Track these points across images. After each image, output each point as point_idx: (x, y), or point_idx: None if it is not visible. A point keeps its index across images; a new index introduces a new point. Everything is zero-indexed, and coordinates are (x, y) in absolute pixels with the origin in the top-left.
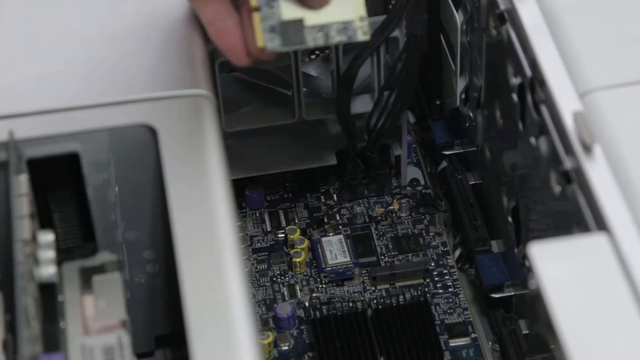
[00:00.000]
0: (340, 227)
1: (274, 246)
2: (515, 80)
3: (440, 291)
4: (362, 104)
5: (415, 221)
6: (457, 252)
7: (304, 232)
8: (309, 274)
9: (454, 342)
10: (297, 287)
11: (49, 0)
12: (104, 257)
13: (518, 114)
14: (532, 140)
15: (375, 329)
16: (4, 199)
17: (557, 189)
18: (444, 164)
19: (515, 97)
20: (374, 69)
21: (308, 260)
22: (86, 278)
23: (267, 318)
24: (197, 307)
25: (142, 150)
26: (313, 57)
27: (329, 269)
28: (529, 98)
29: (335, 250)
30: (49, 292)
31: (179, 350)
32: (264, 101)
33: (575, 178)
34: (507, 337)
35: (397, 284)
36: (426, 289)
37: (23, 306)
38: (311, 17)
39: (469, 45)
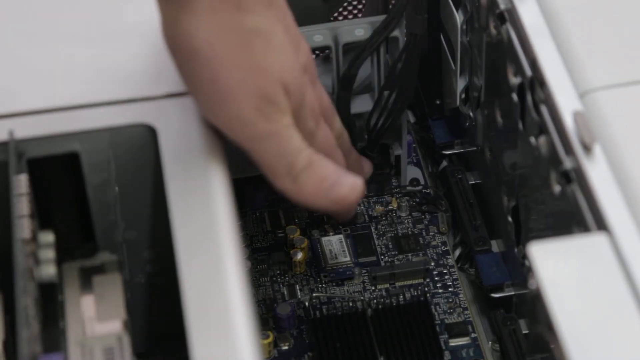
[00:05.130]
0: (340, 226)
1: (274, 246)
2: (515, 80)
3: (440, 291)
4: (362, 104)
5: (415, 221)
6: (457, 252)
7: (304, 232)
8: (309, 274)
9: (453, 342)
10: (297, 287)
11: (49, 0)
12: (104, 257)
13: (518, 113)
14: (532, 140)
15: (375, 329)
16: (4, 199)
17: (557, 188)
18: (444, 163)
19: (515, 96)
20: (374, 69)
21: (308, 259)
22: (86, 278)
23: (267, 318)
24: (197, 307)
25: (142, 150)
26: (313, 56)
27: (329, 268)
28: (529, 98)
29: (335, 249)
30: (49, 292)
31: (179, 350)
32: None
33: (575, 178)
34: (507, 337)
35: (397, 284)
36: (426, 289)
37: (23, 306)
38: None
39: (469, 45)
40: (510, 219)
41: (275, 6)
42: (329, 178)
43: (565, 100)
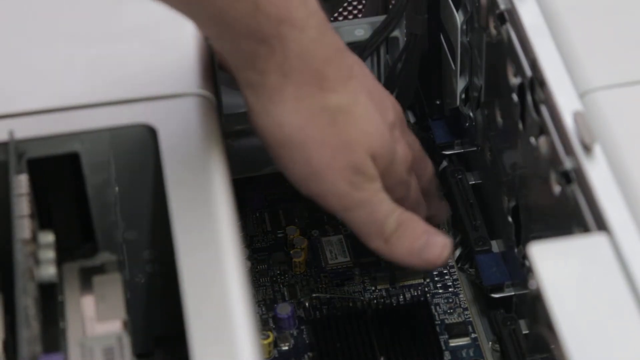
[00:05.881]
0: (341, 227)
1: (274, 246)
2: (515, 80)
3: (440, 291)
4: None
5: None
6: (457, 252)
7: (304, 232)
8: (309, 274)
9: (454, 342)
10: (297, 287)
11: (49, 0)
12: (104, 257)
13: (518, 113)
14: (532, 140)
15: (375, 329)
16: (4, 199)
17: (557, 188)
18: (444, 163)
19: (515, 97)
20: (374, 69)
21: (308, 260)
22: (86, 278)
23: (267, 318)
24: (197, 307)
25: (142, 150)
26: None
27: (329, 268)
28: (529, 98)
29: (335, 250)
30: (49, 293)
31: (179, 350)
32: None
33: (575, 178)
34: (507, 337)
35: (397, 284)
36: (426, 289)
37: (23, 306)
38: None
39: (469, 45)
40: (510, 219)
41: (355, 77)
42: (420, 239)
43: (565, 100)
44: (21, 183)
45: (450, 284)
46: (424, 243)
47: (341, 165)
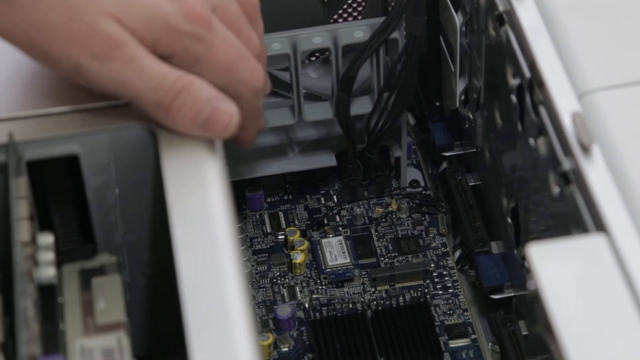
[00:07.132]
0: (340, 228)
1: (274, 248)
2: (514, 82)
3: (440, 292)
4: (361, 106)
5: (415, 222)
6: (457, 254)
7: (304, 234)
8: (309, 276)
9: (453, 343)
10: (297, 289)
11: None
12: (103, 259)
13: (517, 115)
14: (531, 141)
15: (375, 330)
16: (4, 201)
17: (555, 189)
18: (444, 165)
19: (514, 98)
20: (374, 71)
21: (308, 261)
22: (86, 280)
23: (267, 319)
24: (196, 309)
25: (142, 152)
26: (313, 59)
27: (329, 270)
28: (527, 99)
29: (335, 251)
30: (48, 294)
31: (179, 352)
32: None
33: (574, 179)
34: (506, 338)
35: (397, 285)
36: (426, 290)
37: (22, 308)
38: None
39: (468, 47)
40: (509, 220)
41: None
42: (205, 107)
43: (564, 101)
44: (20, 186)
45: (450, 285)
46: (209, 112)
47: (69, 36)
